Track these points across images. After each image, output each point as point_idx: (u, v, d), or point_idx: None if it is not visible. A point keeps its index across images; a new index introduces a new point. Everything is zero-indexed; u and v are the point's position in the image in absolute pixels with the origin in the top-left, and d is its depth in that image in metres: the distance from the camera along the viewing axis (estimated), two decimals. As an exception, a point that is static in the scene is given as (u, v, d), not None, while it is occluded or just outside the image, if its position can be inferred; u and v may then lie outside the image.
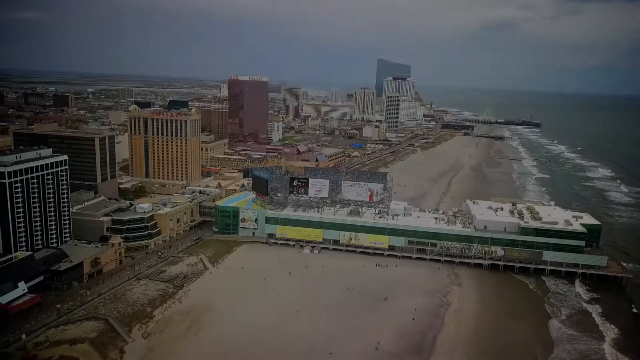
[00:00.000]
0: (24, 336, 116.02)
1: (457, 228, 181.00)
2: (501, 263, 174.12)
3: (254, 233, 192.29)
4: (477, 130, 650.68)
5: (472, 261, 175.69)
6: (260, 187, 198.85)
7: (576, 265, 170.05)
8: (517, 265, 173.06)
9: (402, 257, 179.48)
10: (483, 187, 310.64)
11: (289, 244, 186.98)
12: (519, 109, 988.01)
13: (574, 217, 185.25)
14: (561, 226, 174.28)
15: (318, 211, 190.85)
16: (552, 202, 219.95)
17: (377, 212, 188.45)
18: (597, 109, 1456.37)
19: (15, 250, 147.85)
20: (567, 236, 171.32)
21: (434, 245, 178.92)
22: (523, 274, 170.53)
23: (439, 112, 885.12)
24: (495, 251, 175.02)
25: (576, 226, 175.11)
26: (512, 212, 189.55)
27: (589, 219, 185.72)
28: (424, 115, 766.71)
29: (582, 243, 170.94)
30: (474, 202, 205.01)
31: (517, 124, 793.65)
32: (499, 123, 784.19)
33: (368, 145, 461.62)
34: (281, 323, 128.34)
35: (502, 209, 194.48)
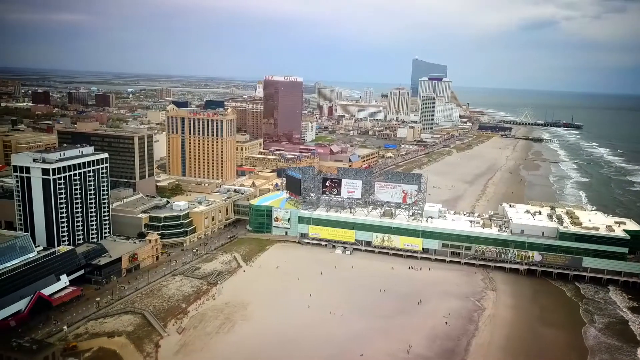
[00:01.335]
0: (65, 327, 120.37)
1: (493, 232, 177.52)
2: (538, 269, 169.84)
3: (286, 232, 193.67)
4: (514, 131, 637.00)
5: (508, 266, 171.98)
6: (294, 186, 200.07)
7: (618, 273, 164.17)
8: (555, 271, 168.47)
9: (436, 260, 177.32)
10: (520, 190, 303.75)
11: (321, 244, 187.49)
12: (560, 110, 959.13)
13: (616, 222, 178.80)
14: (603, 232, 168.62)
15: (350, 212, 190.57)
16: (593, 207, 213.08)
17: (410, 214, 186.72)
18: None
19: (58, 245, 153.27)
20: (609, 242, 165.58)
21: (468, 248, 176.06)
22: (561, 280, 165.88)
23: (475, 113, 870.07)
24: (532, 256, 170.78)
25: (619, 232, 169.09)
26: (550, 217, 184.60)
27: (632, 225, 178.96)
28: (460, 116, 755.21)
29: (625, 250, 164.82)
30: (510, 206, 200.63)
31: (557, 126, 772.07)
32: (538, 125, 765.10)
33: (402, 146, 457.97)
34: (313, 323, 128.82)
35: (540, 213, 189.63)
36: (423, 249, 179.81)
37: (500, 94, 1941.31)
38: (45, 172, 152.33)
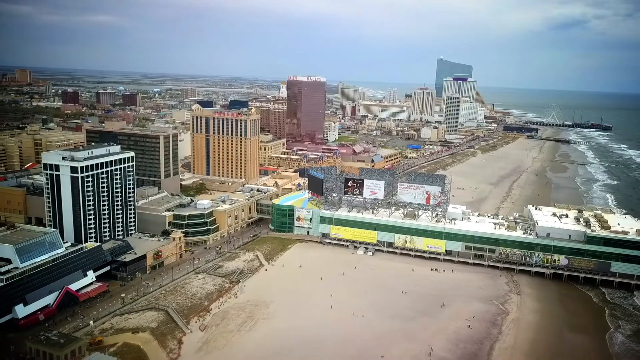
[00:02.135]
0: (91, 322, 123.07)
1: (518, 234, 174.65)
2: (564, 273, 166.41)
3: (308, 232, 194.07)
4: (541, 133, 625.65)
5: (533, 269, 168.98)
6: (316, 186, 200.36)
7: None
8: (582, 275, 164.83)
9: (459, 262, 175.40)
10: (546, 193, 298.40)
11: (342, 244, 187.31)
12: (588, 111, 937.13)
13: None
14: (633, 236, 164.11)
15: (373, 212, 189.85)
16: (622, 211, 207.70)
17: (434, 215, 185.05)
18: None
19: (85, 241, 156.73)
20: (639, 247, 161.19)
21: (492, 251, 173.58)
22: (588, 285, 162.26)
23: (500, 114, 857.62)
24: (559, 260, 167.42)
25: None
26: (577, 220, 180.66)
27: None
28: (485, 117, 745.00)
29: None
30: (536, 208, 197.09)
31: (586, 127, 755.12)
32: (566, 126, 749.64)
33: (426, 146, 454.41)
34: (334, 323, 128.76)
35: (566, 215, 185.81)
36: (446, 251, 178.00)
37: (526, 95, 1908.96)
38: (73, 170, 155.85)
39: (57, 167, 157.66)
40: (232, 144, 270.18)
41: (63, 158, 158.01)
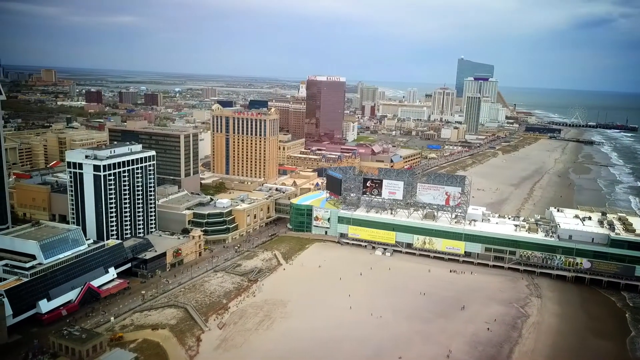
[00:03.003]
0: (112, 318, 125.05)
1: (539, 237, 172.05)
2: (587, 276, 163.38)
3: (326, 232, 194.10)
4: (564, 133, 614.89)
5: (554, 272, 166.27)
6: (334, 186, 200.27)
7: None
8: (605, 279, 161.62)
9: (478, 264, 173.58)
10: (569, 195, 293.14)
11: (360, 245, 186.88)
12: (613, 111, 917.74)
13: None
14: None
15: (391, 213, 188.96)
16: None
17: (453, 216, 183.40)
18: None
19: (107, 238, 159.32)
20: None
21: (512, 253, 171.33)
22: (612, 289, 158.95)
23: (522, 114, 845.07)
24: (581, 263, 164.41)
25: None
26: (601, 223, 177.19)
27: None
28: (507, 117, 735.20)
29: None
30: (558, 210, 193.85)
31: (610, 128, 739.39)
32: (590, 126, 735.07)
33: (446, 147, 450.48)
34: (351, 324, 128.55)
35: (589, 218, 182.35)
36: (465, 252, 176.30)
37: (549, 95, 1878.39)
38: (96, 168, 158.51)
39: (80, 166, 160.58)
40: (251, 144, 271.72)
41: (86, 157, 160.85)
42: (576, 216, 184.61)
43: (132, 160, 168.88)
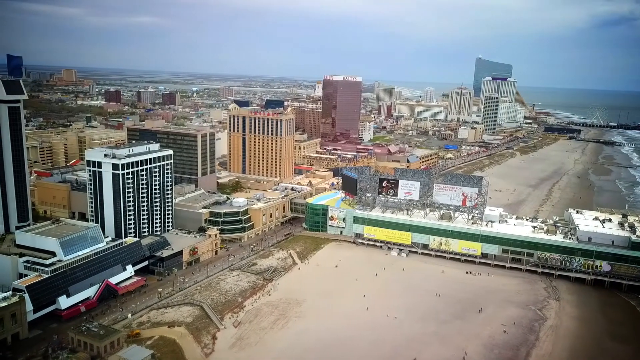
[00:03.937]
0: (129, 315, 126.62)
1: (557, 238, 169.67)
2: (607, 279, 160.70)
3: (341, 232, 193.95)
4: (584, 134, 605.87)
5: (573, 275, 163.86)
6: (350, 186, 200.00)
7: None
8: (625, 283, 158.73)
9: (495, 265, 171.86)
10: (588, 196, 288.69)
11: (376, 245, 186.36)
12: (635, 112, 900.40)
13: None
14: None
15: (407, 214, 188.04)
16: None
17: (470, 217, 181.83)
18: None
19: (125, 236, 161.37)
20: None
21: (530, 255, 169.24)
22: (633, 292, 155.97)
23: (541, 114, 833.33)
24: (600, 266, 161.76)
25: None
26: (621, 225, 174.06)
27: None
28: (525, 118, 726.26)
29: None
30: (577, 212, 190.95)
31: (632, 128, 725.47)
32: (610, 127, 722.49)
33: (463, 147, 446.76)
34: (366, 324, 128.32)
35: (610, 220, 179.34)
36: (482, 253, 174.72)
37: (569, 94, 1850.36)
38: (115, 167, 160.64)
39: (99, 164, 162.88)
40: (267, 143, 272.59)
41: (105, 155, 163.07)
42: (596, 218, 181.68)
43: (150, 159, 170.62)
